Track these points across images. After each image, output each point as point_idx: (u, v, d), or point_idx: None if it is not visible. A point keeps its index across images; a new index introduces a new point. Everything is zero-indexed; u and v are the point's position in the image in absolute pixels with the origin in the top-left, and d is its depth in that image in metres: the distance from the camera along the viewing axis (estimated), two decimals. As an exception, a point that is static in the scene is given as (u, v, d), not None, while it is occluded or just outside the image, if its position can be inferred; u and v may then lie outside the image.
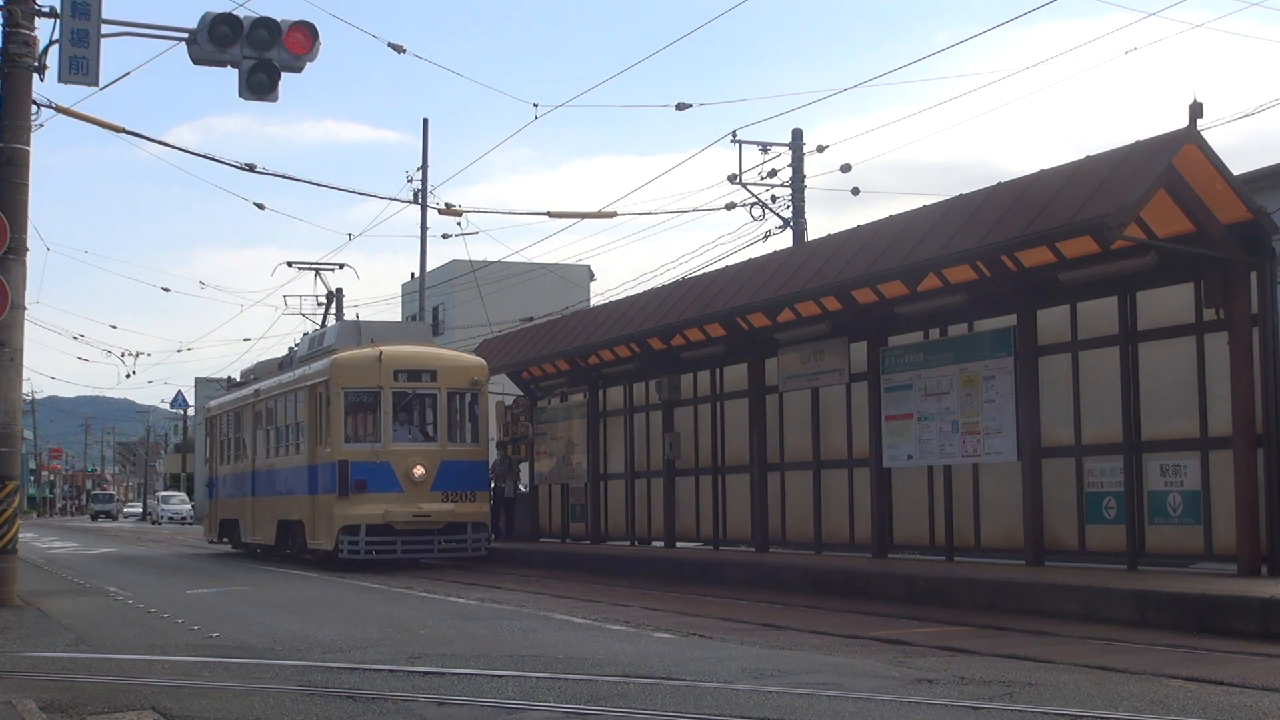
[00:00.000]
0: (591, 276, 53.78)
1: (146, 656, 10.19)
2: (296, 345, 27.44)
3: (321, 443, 22.19)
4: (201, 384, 78.17)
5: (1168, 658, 9.46)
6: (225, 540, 29.88)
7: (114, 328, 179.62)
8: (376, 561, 21.43)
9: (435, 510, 21.64)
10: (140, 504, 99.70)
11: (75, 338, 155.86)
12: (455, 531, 21.85)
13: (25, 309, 15.12)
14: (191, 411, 79.61)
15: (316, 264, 31.79)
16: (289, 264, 32.51)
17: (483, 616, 13.27)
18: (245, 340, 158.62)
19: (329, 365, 22.14)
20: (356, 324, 24.13)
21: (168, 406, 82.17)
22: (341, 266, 32.19)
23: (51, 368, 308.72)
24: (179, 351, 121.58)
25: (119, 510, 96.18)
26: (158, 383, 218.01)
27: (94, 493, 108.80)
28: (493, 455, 26.52)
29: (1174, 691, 7.80)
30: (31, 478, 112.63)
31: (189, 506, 71.52)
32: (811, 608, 13.67)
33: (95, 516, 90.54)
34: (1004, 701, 7.41)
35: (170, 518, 70.54)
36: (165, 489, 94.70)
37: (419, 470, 21.54)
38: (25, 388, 16.76)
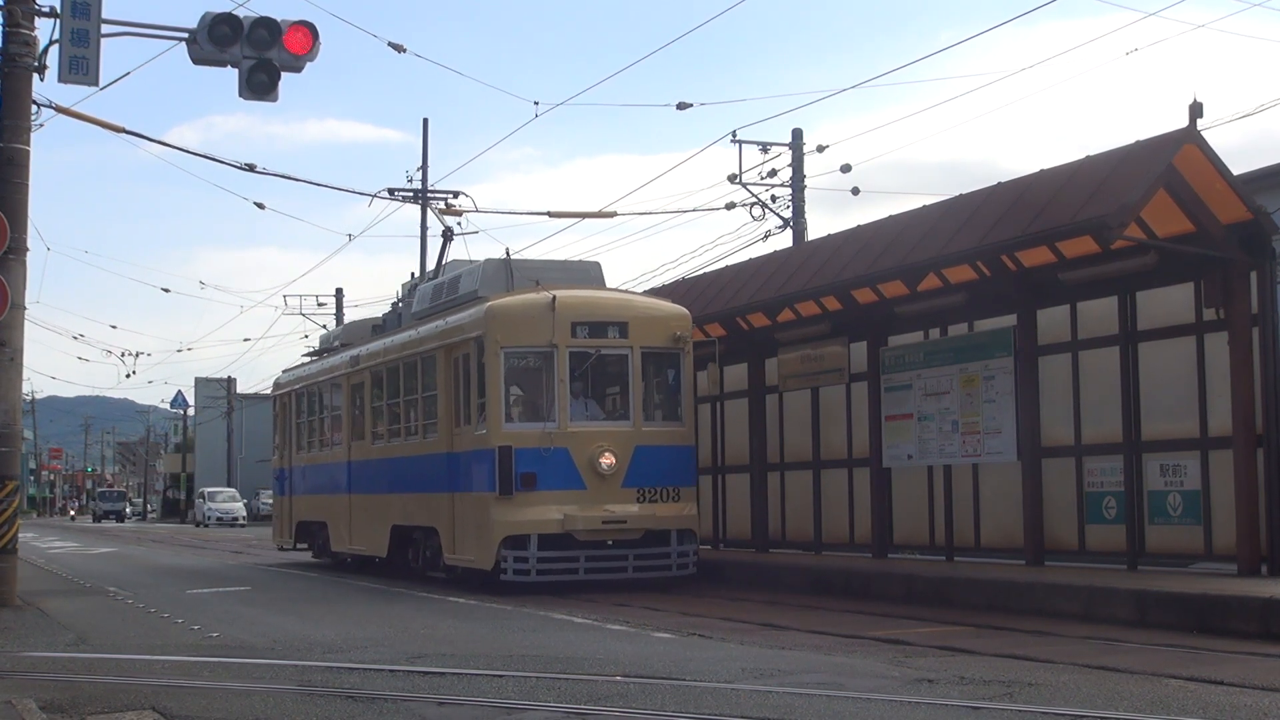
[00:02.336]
0: (592, 276, 53.69)
1: (146, 656, 10.19)
2: (401, 300, 22.21)
3: (467, 421, 16.79)
4: (201, 384, 78.16)
5: (1168, 658, 9.46)
6: (303, 546, 24.53)
7: (114, 328, 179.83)
8: (552, 585, 15.95)
9: (630, 514, 16.08)
10: (128, 503, 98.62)
11: (75, 338, 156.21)
12: (655, 542, 16.32)
13: (25, 309, 15.15)
14: (192, 411, 79.59)
15: (424, 191, 27.01)
16: (390, 192, 27.69)
17: (482, 616, 13.27)
18: (245, 340, 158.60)
19: (483, 316, 16.44)
20: (506, 262, 17.93)
21: (168, 406, 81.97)
22: (456, 195, 26.19)
23: (51, 368, 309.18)
24: (179, 351, 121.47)
25: (125, 511, 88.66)
26: (158, 383, 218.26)
27: (101, 490, 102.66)
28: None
29: (1174, 691, 7.80)
30: (31, 478, 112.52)
31: (240, 504, 62.72)
32: (811, 608, 13.66)
33: (99, 517, 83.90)
34: (1004, 701, 7.41)
35: (219, 518, 60.66)
36: (166, 486, 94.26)
37: (608, 459, 16.05)
38: (25, 388, 16.78)
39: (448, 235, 23.29)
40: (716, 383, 18.27)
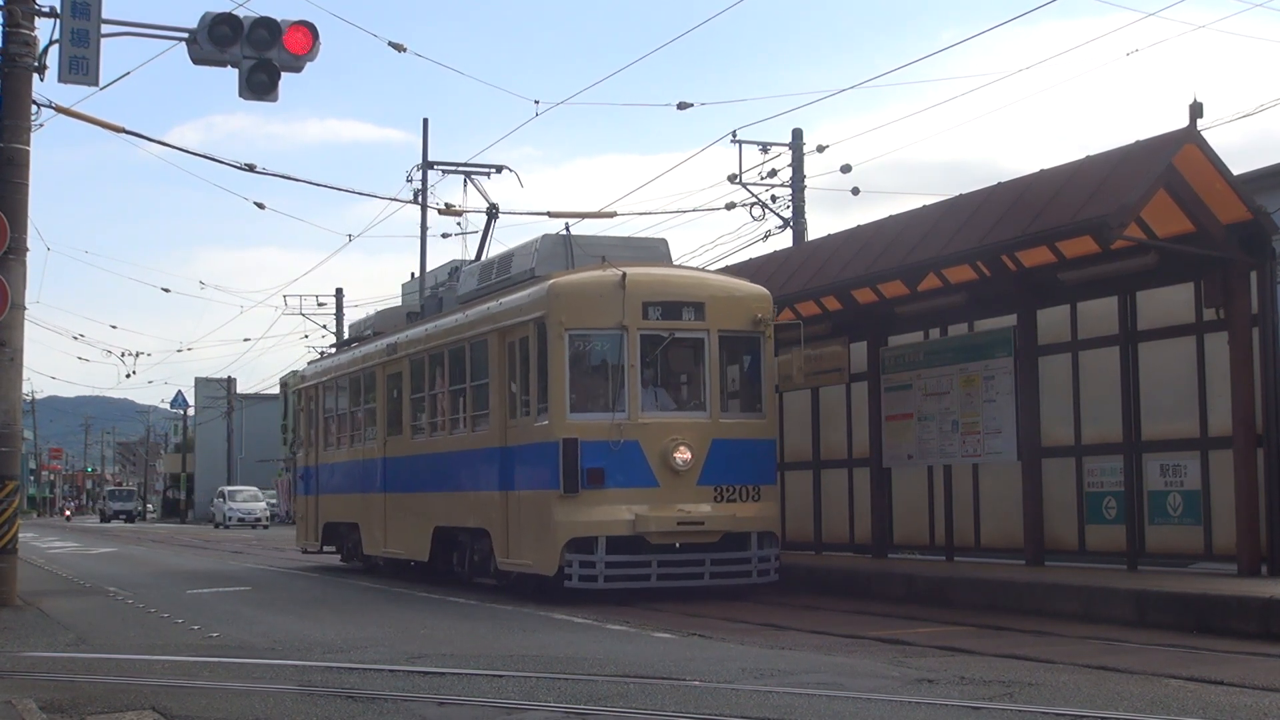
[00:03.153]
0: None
1: (146, 656, 10.19)
2: (442, 284, 20.59)
3: (525, 412, 15.24)
4: (201, 384, 78.23)
5: (1168, 658, 9.46)
6: (330, 549, 23.02)
7: (114, 328, 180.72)
8: (619, 593, 14.38)
9: (707, 515, 14.53)
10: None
11: (75, 338, 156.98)
12: (733, 546, 14.69)
13: (25, 309, 15.15)
14: (192, 411, 79.62)
15: (466, 165, 24.64)
16: (431, 165, 26.75)
17: (482, 616, 13.28)
18: (245, 340, 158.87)
19: (544, 295, 14.86)
20: (566, 237, 16.52)
21: (168, 406, 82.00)
22: (499, 170, 23.88)
23: (51, 368, 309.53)
24: (179, 351, 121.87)
25: (137, 511, 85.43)
26: (158, 383, 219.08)
27: (110, 489, 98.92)
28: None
29: (1174, 691, 7.81)
30: (31, 478, 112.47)
31: (262, 504, 58.92)
32: (811, 608, 13.67)
33: (108, 517, 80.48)
34: (1004, 701, 7.41)
35: (241, 519, 57.05)
36: (166, 486, 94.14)
37: (683, 454, 14.51)
38: (25, 388, 16.77)
39: (492, 213, 21.51)
40: (802, 370, 16.99)
